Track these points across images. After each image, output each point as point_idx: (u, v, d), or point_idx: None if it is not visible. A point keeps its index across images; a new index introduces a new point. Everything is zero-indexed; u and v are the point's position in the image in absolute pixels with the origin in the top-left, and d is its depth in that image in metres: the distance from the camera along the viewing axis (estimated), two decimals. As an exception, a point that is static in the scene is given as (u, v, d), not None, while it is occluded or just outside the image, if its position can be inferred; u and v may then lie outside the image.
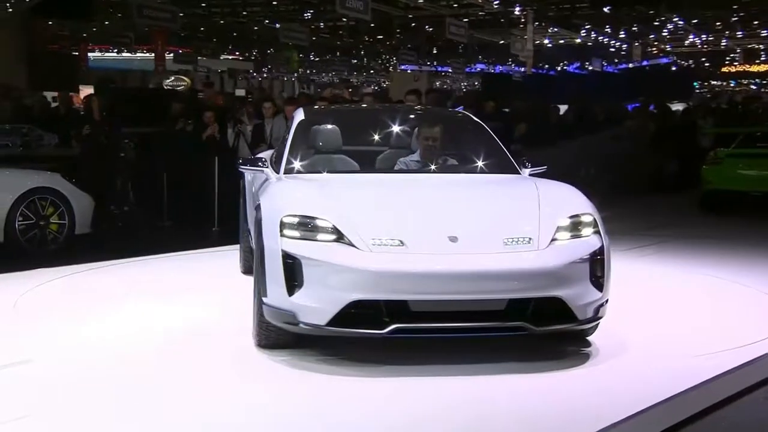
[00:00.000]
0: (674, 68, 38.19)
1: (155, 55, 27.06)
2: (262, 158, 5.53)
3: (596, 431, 3.62)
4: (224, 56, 37.32)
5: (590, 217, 4.61)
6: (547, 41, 34.49)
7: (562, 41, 35.15)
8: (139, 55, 31.21)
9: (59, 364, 4.48)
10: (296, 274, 4.27)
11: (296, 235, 4.35)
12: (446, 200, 4.81)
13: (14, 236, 7.85)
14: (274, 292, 4.37)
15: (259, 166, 5.40)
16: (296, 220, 4.40)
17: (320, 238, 4.34)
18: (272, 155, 6.04)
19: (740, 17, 30.87)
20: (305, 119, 5.80)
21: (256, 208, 4.72)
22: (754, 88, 44.03)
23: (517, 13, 26.93)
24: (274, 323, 4.48)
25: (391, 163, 5.67)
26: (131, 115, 11.20)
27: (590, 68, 34.85)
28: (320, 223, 4.37)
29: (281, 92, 28.36)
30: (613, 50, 36.18)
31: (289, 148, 5.44)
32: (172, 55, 29.37)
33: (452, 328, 4.27)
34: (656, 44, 37.62)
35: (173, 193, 10.18)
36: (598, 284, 4.48)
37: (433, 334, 4.34)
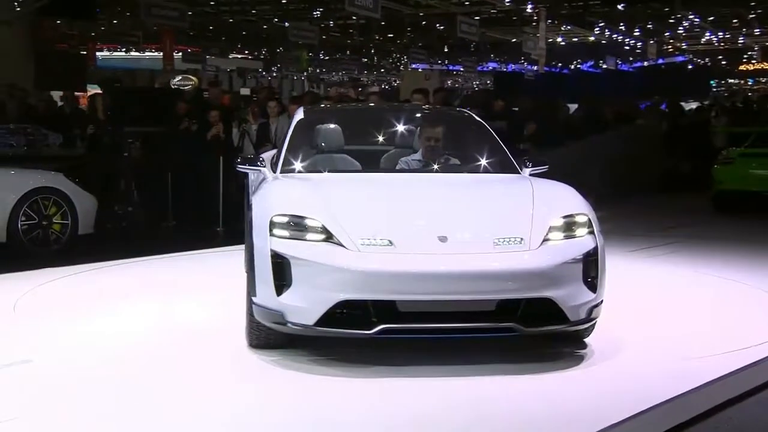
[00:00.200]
0: (690, 66, 38.03)
1: (164, 54, 27.17)
2: (259, 158, 5.57)
3: (596, 431, 3.63)
4: (233, 55, 37.46)
5: (585, 217, 4.61)
6: (560, 39, 34.41)
7: (575, 39, 35.06)
8: (147, 54, 31.37)
9: (58, 364, 4.53)
10: (285, 273, 4.30)
11: (286, 234, 4.38)
12: (439, 200, 4.82)
13: (17, 236, 7.91)
14: (263, 291, 4.40)
15: (256, 165, 5.44)
16: (286, 219, 4.43)
17: (309, 237, 4.37)
18: (274, 155, 6.09)
19: (758, 14, 30.68)
20: (304, 119, 5.84)
21: (248, 207, 4.76)
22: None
23: (529, 10, 26.88)
24: (263, 323, 4.51)
25: (393, 162, 5.70)
26: (136, 114, 11.26)
27: (604, 66, 34.75)
28: (309, 222, 4.40)
29: (291, 91, 28.46)
30: (627, 48, 36.04)
31: (286, 147, 5.48)
32: (180, 54, 29.48)
33: (441, 328, 4.28)
34: (672, 42, 37.45)
35: (178, 193, 10.24)
36: (591, 285, 4.48)
37: (421, 335, 4.35)
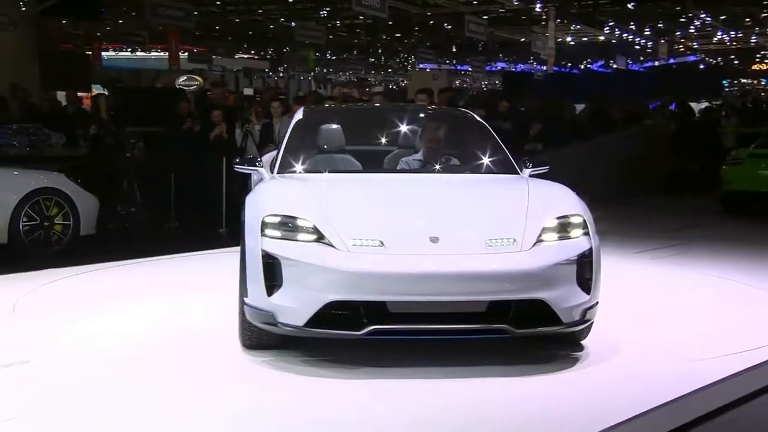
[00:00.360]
0: (702, 66, 37.92)
1: (169, 54, 27.22)
2: (257, 158, 5.60)
3: (596, 433, 3.65)
4: (239, 55, 37.52)
5: (579, 218, 4.61)
6: (569, 39, 34.35)
7: (585, 39, 34.97)
8: (153, 54, 31.45)
9: (57, 364, 4.56)
10: (275, 274, 4.33)
11: (277, 235, 4.41)
12: (433, 201, 4.84)
13: (18, 237, 7.92)
14: (254, 292, 4.43)
15: (254, 165, 5.46)
16: (277, 219, 4.45)
17: (301, 238, 4.39)
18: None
19: (771, 13, 30.53)
20: (303, 119, 5.87)
21: (242, 207, 4.80)
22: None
23: (538, 10, 26.83)
24: (255, 324, 4.54)
25: (395, 162, 5.73)
26: (138, 115, 11.32)
27: (615, 66, 34.65)
28: (301, 223, 4.43)
29: (297, 91, 28.49)
30: (638, 48, 35.94)
31: (284, 147, 5.51)
32: (186, 54, 29.55)
33: (431, 330, 4.29)
34: (683, 41, 37.33)
35: (180, 193, 10.28)
36: (585, 287, 4.48)
37: (411, 336, 4.35)
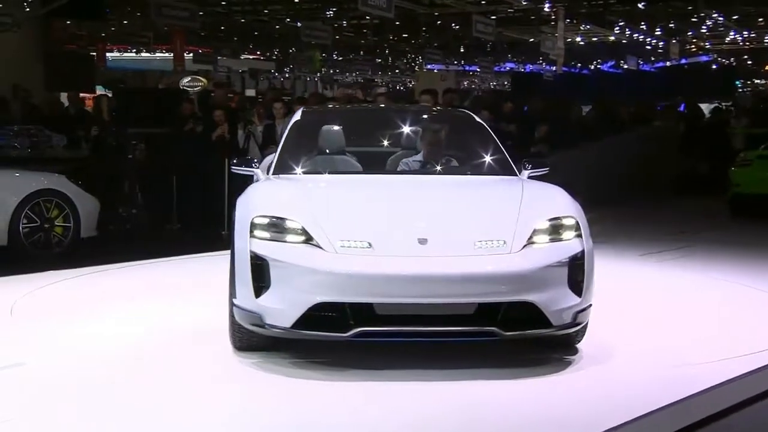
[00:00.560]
0: (714, 66, 37.82)
1: (174, 55, 27.32)
2: (253, 159, 5.62)
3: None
4: (245, 56, 37.61)
5: (572, 220, 4.61)
6: (579, 39, 34.30)
7: (595, 39, 34.91)
8: (158, 54, 31.57)
9: (53, 366, 4.60)
10: (263, 275, 4.36)
11: (266, 236, 4.45)
12: (425, 202, 4.86)
13: (18, 239, 7.97)
14: (242, 293, 4.46)
15: (250, 166, 5.49)
16: (266, 221, 4.49)
17: (289, 239, 4.42)
18: None
19: (784, 13, 30.44)
20: (300, 120, 5.91)
21: (233, 208, 4.83)
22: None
23: (547, 9, 26.81)
24: (243, 325, 4.57)
25: (396, 164, 5.75)
26: (139, 116, 11.37)
27: (625, 67, 34.58)
28: (290, 224, 4.45)
29: (304, 92, 28.57)
30: (649, 48, 35.86)
31: (280, 148, 5.55)
32: (191, 55, 29.66)
33: (418, 332, 4.31)
34: (695, 41, 37.24)
35: (182, 195, 10.32)
36: (577, 289, 4.48)
37: (398, 338, 4.37)
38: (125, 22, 28.25)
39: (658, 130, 14.56)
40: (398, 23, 27.98)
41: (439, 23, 29.75)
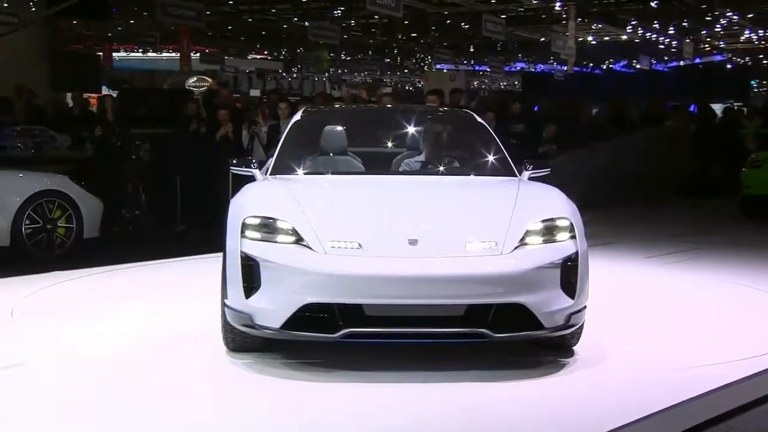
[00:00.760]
0: (729, 66, 37.69)
1: (181, 54, 27.47)
2: (252, 159, 5.67)
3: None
4: (252, 56, 37.70)
5: (566, 221, 4.62)
6: (590, 38, 34.26)
7: (607, 38, 34.86)
8: (165, 54, 31.70)
9: (52, 367, 4.65)
10: (254, 276, 4.40)
11: (257, 236, 4.49)
12: (417, 203, 4.88)
13: (21, 240, 8.03)
14: (233, 293, 4.51)
15: (249, 167, 5.53)
16: (258, 221, 4.53)
17: (280, 240, 4.46)
18: None
19: (800, 11, 30.29)
20: (300, 120, 5.94)
21: (226, 208, 4.88)
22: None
23: (558, 8, 26.80)
24: (234, 326, 4.61)
25: (399, 164, 5.79)
26: (142, 116, 11.44)
27: (638, 66, 34.50)
28: (281, 224, 4.49)
29: (311, 92, 28.61)
30: (662, 47, 35.78)
31: (279, 148, 5.59)
32: (198, 54, 29.75)
33: (408, 333, 4.33)
34: (709, 41, 37.12)
35: (187, 196, 10.38)
36: (570, 291, 4.49)
37: (387, 339, 4.39)
38: (132, 21, 28.37)
39: (668, 130, 14.54)
40: (407, 22, 27.99)
41: (448, 22, 29.75)
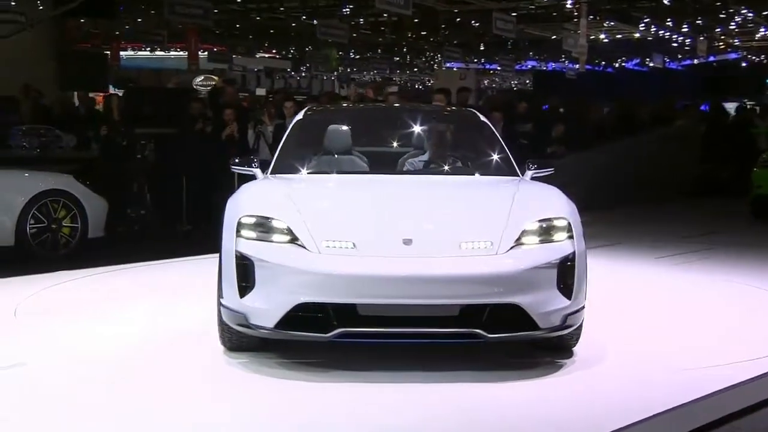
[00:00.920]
0: (744, 64, 37.53)
1: (188, 53, 27.53)
2: (253, 158, 5.70)
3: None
4: (261, 54, 37.74)
5: (564, 221, 4.63)
6: (603, 36, 34.17)
7: (619, 36, 34.77)
8: (172, 53, 31.77)
9: (52, 367, 4.69)
10: (248, 275, 4.44)
11: (252, 235, 4.53)
12: (414, 203, 4.90)
13: (25, 239, 8.09)
14: (228, 293, 4.55)
15: (249, 166, 5.56)
16: (253, 220, 4.56)
17: (275, 239, 4.49)
18: None
19: (816, 8, 30.14)
20: (303, 119, 5.98)
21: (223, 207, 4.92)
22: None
23: (569, 6, 26.75)
24: (230, 325, 4.64)
25: (404, 164, 5.81)
26: (150, 115, 11.48)
27: (651, 65, 34.38)
28: (276, 224, 4.53)
29: (320, 91, 28.64)
30: (675, 45, 35.65)
31: (280, 148, 5.63)
32: (206, 53, 29.82)
33: (401, 333, 4.35)
34: (723, 38, 36.97)
35: (192, 195, 10.42)
36: (566, 291, 4.50)
37: (380, 339, 4.41)
38: (139, 20, 28.46)
39: (678, 130, 14.52)
40: (417, 20, 27.99)
41: (458, 20, 29.72)
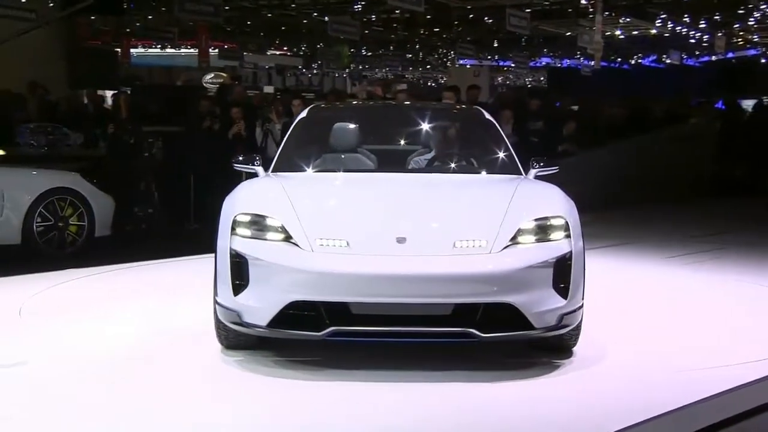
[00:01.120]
0: (764, 61, 37.32)
1: (199, 50, 27.58)
2: (256, 156, 5.74)
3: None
4: (272, 51, 37.79)
5: (561, 220, 4.63)
6: (618, 32, 34.05)
7: (635, 32, 34.63)
8: (183, 50, 31.88)
9: (54, 366, 4.74)
10: (243, 273, 4.48)
11: (247, 234, 4.57)
12: (409, 201, 4.91)
13: (32, 238, 8.14)
14: (223, 291, 4.60)
15: (251, 164, 5.59)
16: (248, 218, 4.61)
17: (269, 237, 4.54)
18: None
19: (837, 3, 29.94)
20: (306, 117, 6.01)
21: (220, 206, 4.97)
22: None
23: (584, 2, 26.67)
24: (225, 323, 4.69)
25: (410, 162, 5.84)
26: (158, 113, 11.55)
27: (668, 61, 34.24)
28: (270, 222, 4.57)
29: (331, 88, 28.62)
30: (693, 41, 35.48)
31: (282, 145, 5.67)
32: (216, 50, 29.89)
33: (394, 332, 4.37)
34: (742, 34, 36.77)
35: (199, 194, 10.48)
36: (562, 291, 4.50)
37: (373, 338, 4.43)
38: (149, 17, 28.58)
39: (692, 128, 14.46)
40: (429, 17, 27.98)
41: (471, 17, 29.67)
